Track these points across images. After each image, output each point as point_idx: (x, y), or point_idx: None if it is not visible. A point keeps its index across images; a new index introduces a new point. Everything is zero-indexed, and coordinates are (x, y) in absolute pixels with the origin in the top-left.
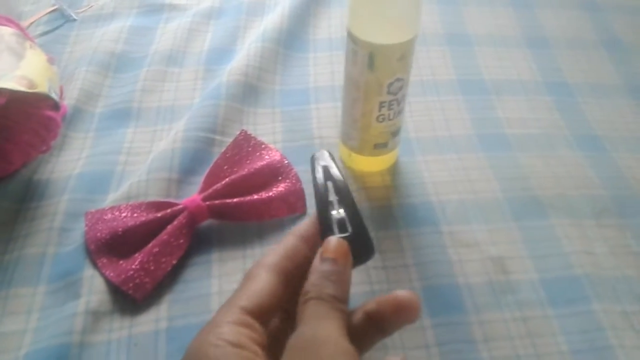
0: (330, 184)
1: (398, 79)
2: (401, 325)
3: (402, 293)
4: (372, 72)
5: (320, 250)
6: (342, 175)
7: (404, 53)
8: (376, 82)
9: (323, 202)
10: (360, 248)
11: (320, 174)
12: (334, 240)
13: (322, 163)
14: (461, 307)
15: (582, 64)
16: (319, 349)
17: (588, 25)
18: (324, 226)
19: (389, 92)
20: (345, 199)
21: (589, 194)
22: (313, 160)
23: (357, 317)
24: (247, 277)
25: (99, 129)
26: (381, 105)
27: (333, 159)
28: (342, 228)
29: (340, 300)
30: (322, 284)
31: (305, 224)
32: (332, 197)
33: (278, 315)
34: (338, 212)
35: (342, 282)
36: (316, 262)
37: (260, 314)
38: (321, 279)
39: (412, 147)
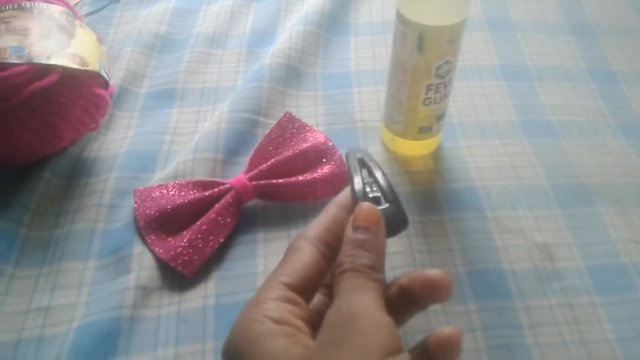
0: (365, 171)
1: (447, 62)
2: (433, 302)
3: (433, 272)
4: (421, 55)
5: (351, 218)
6: (379, 166)
7: (453, 36)
8: (425, 65)
9: (355, 180)
10: (394, 219)
11: (355, 164)
12: (365, 206)
13: (358, 155)
14: (506, 293)
15: (627, 52)
16: (355, 324)
17: (632, 13)
18: (358, 198)
19: (437, 75)
20: (378, 181)
21: (634, 182)
22: (347, 156)
23: (392, 290)
24: (290, 250)
25: (145, 109)
26: (428, 88)
27: (368, 153)
28: (376, 203)
29: (375, 269)
30: (356, 254)
31: (345, 193)
32: (368, 179)
33: (323, 291)
34: (372, 191)
35: (376, 251)
36: (348, 231)
37: (303, 288)
38: (355, 249)
39: (455, 132)
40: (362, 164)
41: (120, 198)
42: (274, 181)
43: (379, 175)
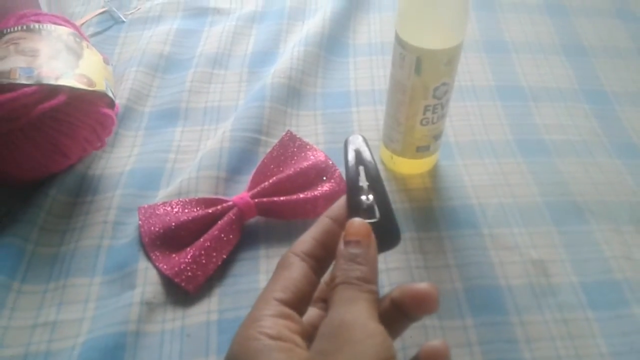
0: (361, 169)
1: (444, 84)
2: (422, 314)
3: (421, 285)
4: (418, 76)
5: (343, 234)
6: (374, 160)
7: (450, 58)
8: (422, 86)
9: (353, 187)
10: (387, 234)
11: (352, 158)
12: (356, 222)
13: (355, 147)
14: (503, 308)
15: (619, 73)
16: (346, 333)
17: (625, 34)
18: (352, 211)
19: (434, 96)
20: (376, 185)
21: (627, 200)
22: (346, 144)
23: (385, 303)
24: (280, 265)
25: (149, 128)
26: (426, 108)
27: (367, 143)
28: (370, 213)
29: (367, 281)
30: (348, 267)
31: (337, 206)
32: (363, 182)
33: (319, 305)
34: (367, 198)
35: (368, 263)
36: (340, 246)
37: (296, 302)
38: (347, 263)
39: (452, 151)
40: (359, 159)
41: (126, 215)
42: (276, 199)
43: (375, 178)
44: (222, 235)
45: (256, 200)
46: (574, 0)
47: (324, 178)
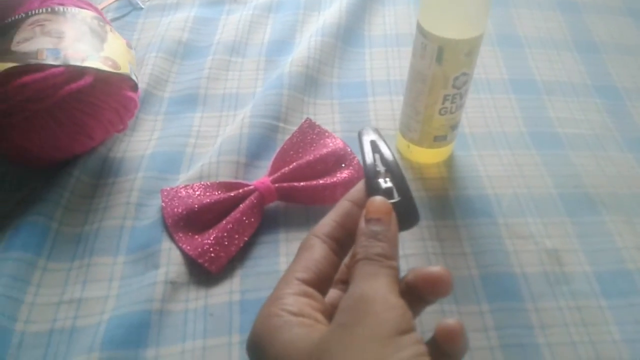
0: (377, 156)
1: (464, 74)
2: (436, 297)
3: (433, 268)
4: (439, 66)
5: (364, 212)
6: (388, 146)
7: (471, 48)
8: (443, 76)
9: (371, 171)
10: (406, 213)
11: (367, 145)
12: (376, 200)
13: (369, 136)
14: (518, 295)
15: (630, 69)
16: (367, 307)
17: (635, 32)
18: (371, 193)
19: (454, 86)
20: (393, 169)
21: (639, 193)
22: (360, 134)
23: (401, 286)
24: (302, 247)
25: (168, 113)
26: (445, 98)
27: (380, 133)
28: (388, 195)
29: (388, 257)
30: (369, 244)
31: (357, 189)
32: (380, 167)
33: (340, 286)
34: (385, 181)
35: (389, 240)
36: (361, 224)
37: (318, 282)
38: (368, 240)
39: (467, 142)
40: (375, 147)
41: (147, 197)
42: (296, 184)
43: (391, 163)
44: (244, 218)
45: (276, 185)
46: None
47: (343, 165)
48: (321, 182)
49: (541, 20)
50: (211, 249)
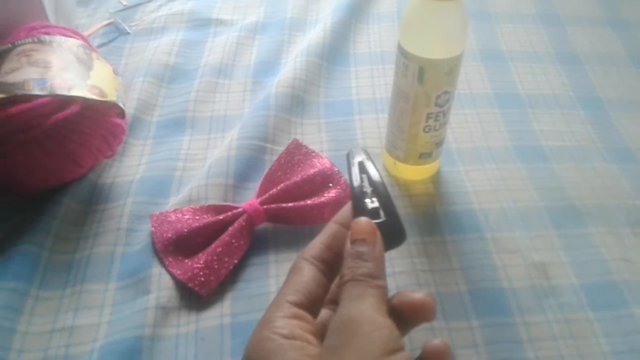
0: (365, 177)
1: (445, 92)
2: (420, 322)
3: (417, 295)
4: (421, 85)
5: (349, 233)
6: (376, 166)
7: (452, 67)
8: (425, 95)
9: (358, 192)
10: (392, 232)
11: (355, 165)
12: (361, 221)
13: (357, 157)
14: (506, 310)
15: (613, 80)
16: (355, 328)
17: (617, 42)
18: (357, 213)
19: (436, 104)
20: (379, 189)
21: (624, 203)
22: (349, 155)
23: (389, 305)
24: (292, 270)
25: (157, 137)
26: (428, 116)
27: (368, 153)
28: (375, 215)
29: (374, 276)
30: (355, 265)
31: (344, 211)
32: (367, 188)
33: (330, 306)
34: (372, 201)
35: (374, 259)
36: (347, 245)
37: (308, 304)
38: (354, 261)
39: (453, 157)
40: (362, 168)
41: (138, 222)
42: (284, 205)
43: (378, 184)
44: (233, 241)
45: (265, 206)
46: (567, 9)
47: (330, 184)
48: (309, 202)
49: (524, 34)
50: (201, 273)
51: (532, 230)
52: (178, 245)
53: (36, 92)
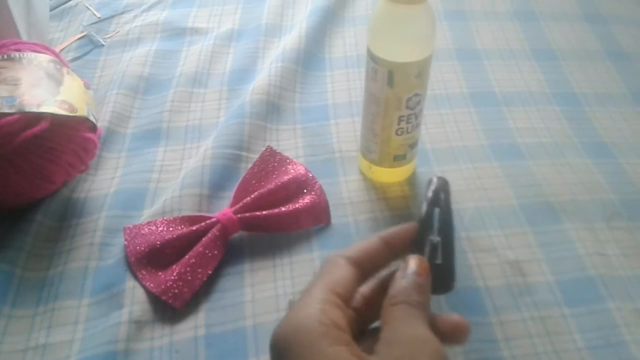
0: (437, 210)
1: (416, 94)
2: (452, 344)
3: (457, 317)
4: (391, 89)
5: (404, 263)
6: (450, 206)
7: (421, 70)
8: (395, 98)
9: (426, 224)
10: (442, 280)
11: (430, 196)
12: (420, 258)
13: (435, 187)
14: (482, 309)
15: (588, 75)
16: (423, 346)
17: (592, 37)
18: (418, 246)
19: (407, 107)
20: (446, 230)
21: (599, 198)
22: (429, 183)
23: None
24: (329, 265)
25: (131, 149)
26: (400, 119)
27: (447, 188)
28: (433, 253)
29: (426, 307)
30: (410, 291)
31: (395, 231)
32: (435, 222)
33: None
34: (435, 238)
35: (425, 294)
36: (401, 272)
37: (346, 300)
38: (408, 287)
39: (429, 158)
40: (437, 201)
41: (111, 236)
42: (258, 213)
43: (447, 224)
44: (207, 252)
45: (239, 215)
46: (542, 5)
47: (305, 191)
48: (283, 209)
49: (499, 32)
50: (174, 285)
51: (507, 228)
52: (151, 258)
53: (5, 109)
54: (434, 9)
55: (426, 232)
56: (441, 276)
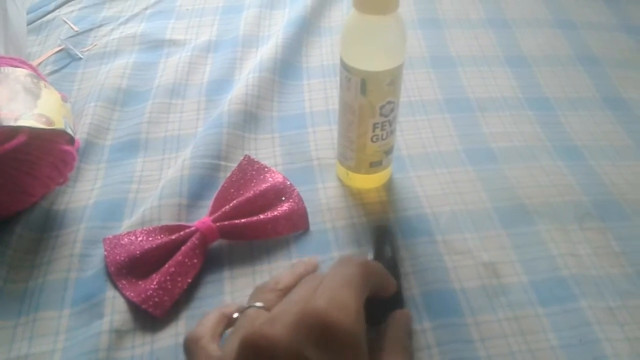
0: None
1: (389, 102)
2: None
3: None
4: (365, 97)
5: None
6: (395, 249)
7: (393, 78)
8: (369, 106)
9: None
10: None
11: (374, 248)
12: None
13: (375, 239)
14: (458, 310)
15: (560, 79)
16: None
17: (564, 42)
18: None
19: (381, 114)
20: (391, 267)
21: (571, 200)
22: (374, 231)
23: None
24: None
25: (110, 160)
26: (375, 126)
27: (391, 234)
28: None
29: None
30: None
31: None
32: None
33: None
34: None
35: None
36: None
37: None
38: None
39: (405, 164)
40: (379, 250)
41: (91, 247)
42: (237, 221)
43: (391, 263)
44: (186, 260)
45: (218, 223)
46: (514, 13)
47: (283, 198)
48: (262, 217)
49: (473, 39)
50: (155, 294)
51: (482, 231)
52: (131, 268)
53: None
54: (408, 17)
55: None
56: (392, 307)
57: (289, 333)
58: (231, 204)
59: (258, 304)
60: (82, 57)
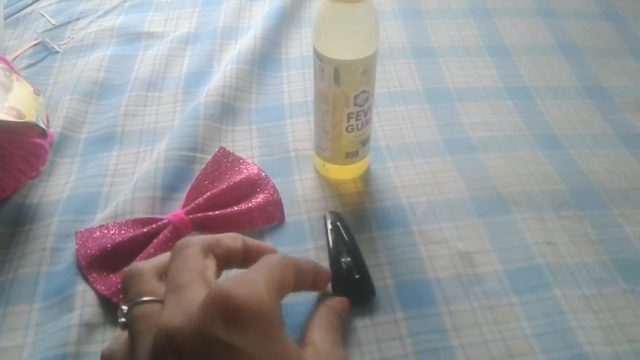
0: (340, 239)
1: (363, 91)
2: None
3: None
4: (338, 86)
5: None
6: (350, 232)
7: (366, 67)
8: (343, 95)
9: (334, 252)
10: (364, 289)
11: (330, 228)
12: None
13: (332, 220)
14: (432, 300)
15: (540, 69)
16: None
17: (545, 32)
18: (336, 270)
19: (355, 104)
20: (353, 250)
21: (548, 189)
22: (325, 218)
23: None
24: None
25: (85, 154)
26: (349, 116)
27: (340, 217)
28: (349, 271)
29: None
30: (336, 316)
31: (257, 243)
32: (342, 247)
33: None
34: (346, 259)
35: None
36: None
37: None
38: (336, 314)
39: (383, 154)
40: (337, 231)
41: (63, 241)
42: (210, 213)
43: (350, 244)
44: (158, 253)
45: (191, 216)
46: (497, 2)
47: (258, 190)
48: (236, 208)
49: (454, 29)
50: None
51: (458, 221)
52: (102, 261)
53: None
54: (389, 7)
55: (339, 256)
56: (363, 286)
57: (195, 320)
58: (205, 196)
59: (146, 298)
60: (59, 50)
